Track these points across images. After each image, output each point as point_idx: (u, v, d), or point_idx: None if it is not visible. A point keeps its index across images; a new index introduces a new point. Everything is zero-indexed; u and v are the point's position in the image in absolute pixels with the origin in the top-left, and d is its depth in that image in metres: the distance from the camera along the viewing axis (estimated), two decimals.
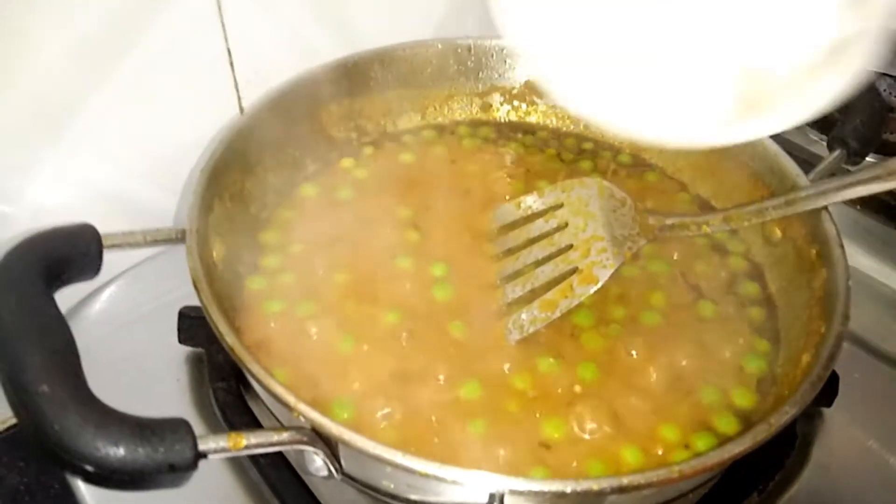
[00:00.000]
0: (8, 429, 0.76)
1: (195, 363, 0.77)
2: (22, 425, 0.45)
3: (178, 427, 0.46)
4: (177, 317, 0.74)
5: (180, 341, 0.75)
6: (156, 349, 0.77)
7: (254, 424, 0.69)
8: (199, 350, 0.76)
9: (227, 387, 0.72)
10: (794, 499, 0.70)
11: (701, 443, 0.62)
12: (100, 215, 0.80)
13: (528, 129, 0.95)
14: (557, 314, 0.68)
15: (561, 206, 0.76)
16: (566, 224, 0.74)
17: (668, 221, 0.73)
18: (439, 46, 0.89)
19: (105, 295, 0.83)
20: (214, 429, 0.71)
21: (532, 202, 0.77)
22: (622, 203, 0.73)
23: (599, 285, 0.68)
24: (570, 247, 0.72)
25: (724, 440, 0.61)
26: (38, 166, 0.77)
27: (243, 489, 0.67)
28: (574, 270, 0.70)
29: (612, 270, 0.68)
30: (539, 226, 0.75)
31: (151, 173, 0.85)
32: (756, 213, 0.71)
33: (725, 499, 0.66)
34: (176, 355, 0.77)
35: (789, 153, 0.78)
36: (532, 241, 0.74)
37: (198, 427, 0.70)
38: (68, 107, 0.76)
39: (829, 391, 0.72)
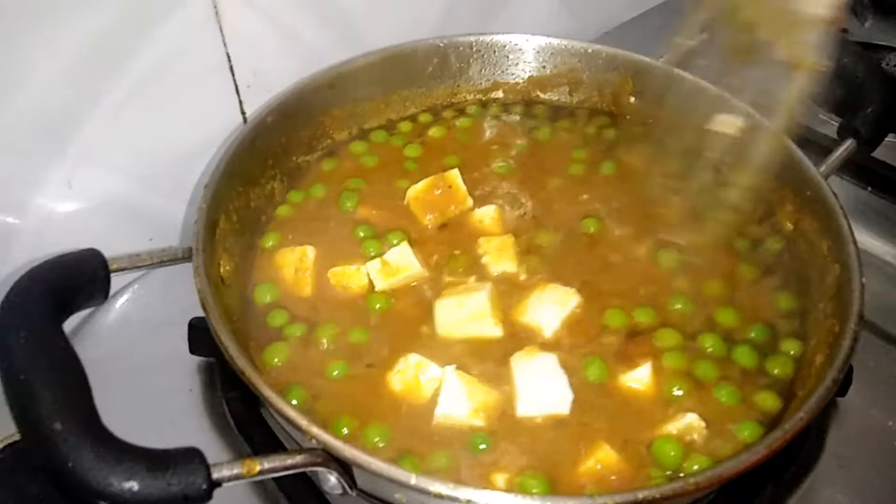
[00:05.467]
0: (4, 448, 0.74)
1: (207, 372, 0.77)
2: (36, 461, 0.45)
3: (191, 458, 0.46)
4: (187, 328, 0.74)
5: (192, 352, 0.75)
6: (168, 359, 0.77)
7: (268, 434, 0.70)
8: (211, 359, 0.76)
9: (239, 396, 0.72)
10: (810, 489, 0.69)
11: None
12: (106, 225, 0.81)
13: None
14: None
15: None
16: None
17: None
18: (441, 45, 0.87)
19: (116, 305, 0.83)
20: (228, 439, 0.72)
21: None
22: None
23: None
24: None
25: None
26: (43, 178, 0.77)
27: (260, 499, 0.68)
28: None
29: None
30: None
31: (157, 182, 0.85)
32: None
33: (739, 495, 0.65)
34: (188, 365, 0.77)
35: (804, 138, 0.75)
36: None
37: (211, 438, 0.73)
38: (71, 120, 0.76)
39: (843, 382, 0.71)
